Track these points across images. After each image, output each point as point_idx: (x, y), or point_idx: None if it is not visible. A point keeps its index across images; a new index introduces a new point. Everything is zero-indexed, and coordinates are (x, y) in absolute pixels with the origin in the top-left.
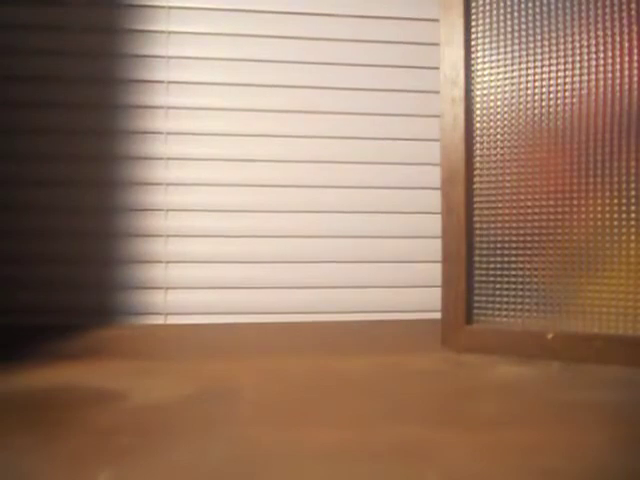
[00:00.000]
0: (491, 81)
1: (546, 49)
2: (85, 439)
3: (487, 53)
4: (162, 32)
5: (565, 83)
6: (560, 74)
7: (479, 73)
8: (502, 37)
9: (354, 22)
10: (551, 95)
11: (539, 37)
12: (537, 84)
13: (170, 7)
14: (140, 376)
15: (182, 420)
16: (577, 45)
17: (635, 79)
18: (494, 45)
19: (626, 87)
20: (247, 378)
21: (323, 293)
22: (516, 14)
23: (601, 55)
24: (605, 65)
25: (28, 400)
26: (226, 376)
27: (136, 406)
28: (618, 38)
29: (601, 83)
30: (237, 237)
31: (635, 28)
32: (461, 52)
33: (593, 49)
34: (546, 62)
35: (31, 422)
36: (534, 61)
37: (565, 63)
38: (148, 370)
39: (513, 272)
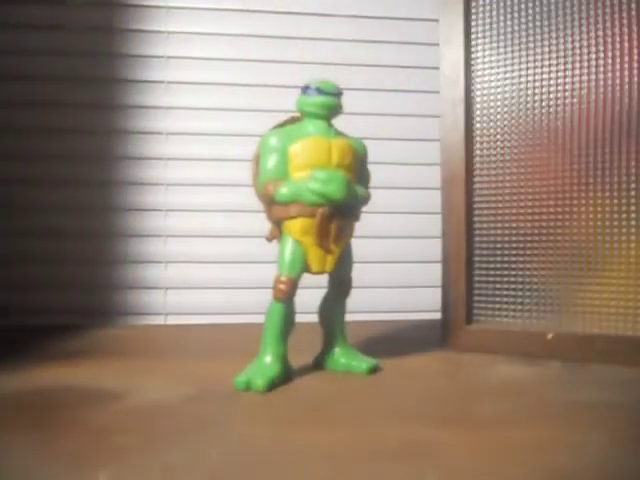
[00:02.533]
0: (491, 81)
1: (546, 49)
2: (84, 439)
3: (487, 53)
4: (161, 32)
5: (565, 83)
6: (560, 74)
7: (479, 73)
8: (502, 37)
9: (354, 22)
10: (551, 95)
11: (539, 37)
12: (537, 84)
13: (169, 7)
14: (139, 376)
15: (181, 420)
16: (577, 45)
17: (635, 79)
18: (494, 45)
19: (626, 87)
20: None
21: (323, 293)
22: (516, 14)
23: (601, 55)
24: (605, 65)
25: (27, 400)
26: (226, 376)
27: (135, 406)
28: (618, 38)
29: (601, 83)
30: (237, 237)
31: (635, 28)
32: (461, 52)
33: (593, 49)
34: (546, 62)
35: (30, 422)
36: (534, 61)
37: (565, 63)
38: (148, 370)
39: (513, 272)
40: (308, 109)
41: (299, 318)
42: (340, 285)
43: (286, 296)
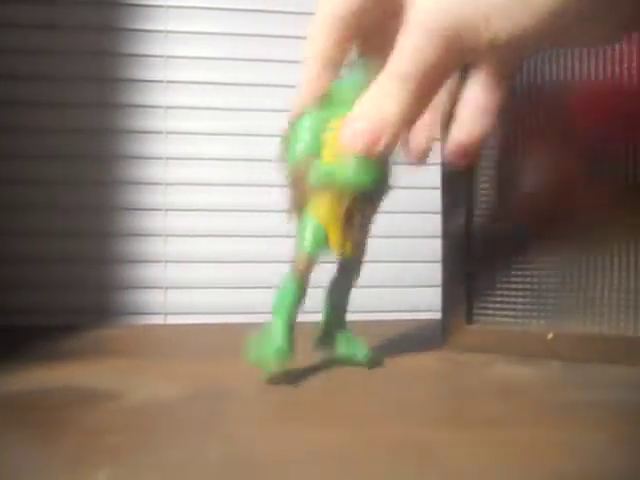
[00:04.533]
0: None
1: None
2: (83, 439)
3: None
4: (160, 31)
5: (565, 83)
6: (560, 74)
7: None
8: None
9: None
10: (551, 95)
11: None
12: (537, 84)
13: (168, 6)
14: (139, 376)
15: (181, 420)
16: None
17: (635, 79)
18: None
19: (626, 87)
20: (247, 378)
21: (323, 293)
22: None
23: (601, 55)
24: (605, 65)
25: (25, 400)
26: (225, 376)
27: (135, 406)
28: None
29: (601, 83)
30: (237, 237)
31: None
32: None
33: (593, 49)
34: (546, 62)
35: (28, 422)
36: (534, 61)
37: (565, 63)
38: (147, 370)
39: (513, 272)
40: (342, 91)
41: (298, 318)
42: (353, 267)
43: (303, 274)
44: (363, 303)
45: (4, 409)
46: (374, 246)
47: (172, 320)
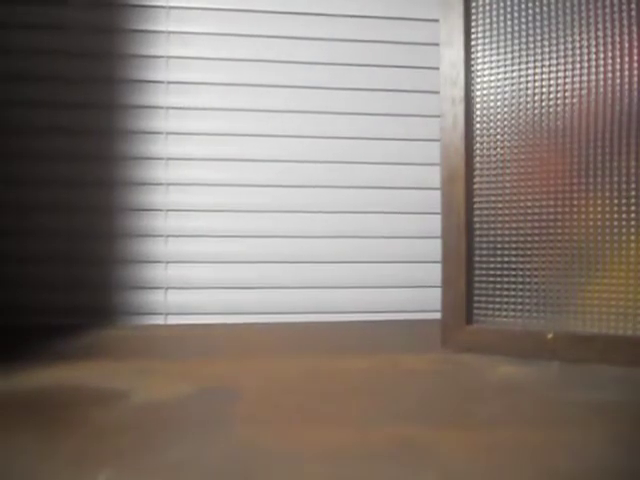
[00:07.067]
0: (491, 81)
1: (546, 49)
2: (85, 439)
3: (487, 53)
4: (162, 32)
5: (565, 83)
6: (560, 74)
7: (479, 73)
8: (502, 37)
9: (354, 22)
10: (551, 95)
11: (539, 37)
12: (537, 84)
13: (170, 7)
14: (140, 376)
15: (182, 420)
16: (577, 45)
17: (635, 79)
18: (494, 45)
19: (626, 87)
20: (247, 378)
21: (323, 293)
22: (516, 14)
23: (601, 55)
24: (605, 65)
25: (28, 400)
26: (226, 376)
27: (136, 406)
28: (618, 38)
29: (601, 83)
30: (237, 237)
31: (635, 28)
32: (461, 52)
33: (593, 49)
34: (546, 62)
35: (31, 422)
36: (534, 61)
37: (565, 63)
38: (148, 370)
39: (513, 272)
40: None
41: (299, 318)
42: None
43: None
44: (364, 303)
45: (8, 408)
46: (374, 247)
47: (172, 320)
